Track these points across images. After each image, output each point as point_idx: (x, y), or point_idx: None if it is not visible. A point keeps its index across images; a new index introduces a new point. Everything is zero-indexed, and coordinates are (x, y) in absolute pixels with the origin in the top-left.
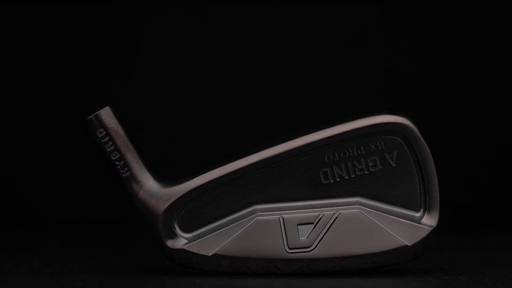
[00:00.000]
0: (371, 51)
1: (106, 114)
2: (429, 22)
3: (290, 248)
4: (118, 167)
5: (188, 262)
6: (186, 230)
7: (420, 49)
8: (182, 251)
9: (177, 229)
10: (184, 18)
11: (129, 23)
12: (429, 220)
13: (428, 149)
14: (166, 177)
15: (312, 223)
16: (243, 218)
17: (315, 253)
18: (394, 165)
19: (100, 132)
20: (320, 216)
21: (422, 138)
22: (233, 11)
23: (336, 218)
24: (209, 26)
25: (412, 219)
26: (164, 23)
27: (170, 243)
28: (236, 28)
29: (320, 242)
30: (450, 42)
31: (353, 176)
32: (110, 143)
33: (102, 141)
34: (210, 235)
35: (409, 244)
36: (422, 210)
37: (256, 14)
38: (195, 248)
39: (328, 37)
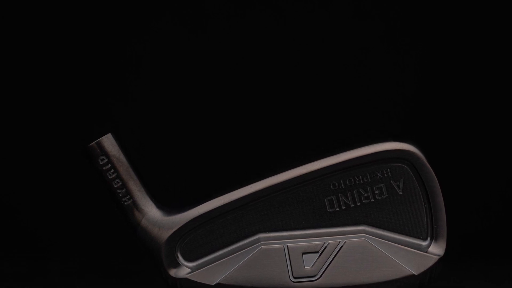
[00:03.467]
0: (375, 68)
1: (108, 141)
2: (434, 38)
3: (294, 277)
4: (120, 195)
5: None
6: (189, 259)
7: (425, 66)
8: (185, 280)
9: (180, 258)
10: (185, 37)
11: (130, 43)
12: (436, 249)
13: (435, 176)
14: (168, 205)
15: (317, 252)
16: (247, 247)
17: (320, 282)
18: (400, 193)
19: (102, 160)
20: (325, 245)
21: (429, 166)
22: (235, 30)
23: (341, 247)
24: (211, 45)
25: (418, 247)
26: (165, 43)
27: (173, 272)
28: (238, 47)
29: (326, 271)
30: (456, 59)
31: (359, 204)
32: (112, 170)
33: (104, 168)
34: (213, 264)
35: (415, 273)
36: (429, 238)
37: (258, 32)
38: (198, 277)
39: (332, 53)
